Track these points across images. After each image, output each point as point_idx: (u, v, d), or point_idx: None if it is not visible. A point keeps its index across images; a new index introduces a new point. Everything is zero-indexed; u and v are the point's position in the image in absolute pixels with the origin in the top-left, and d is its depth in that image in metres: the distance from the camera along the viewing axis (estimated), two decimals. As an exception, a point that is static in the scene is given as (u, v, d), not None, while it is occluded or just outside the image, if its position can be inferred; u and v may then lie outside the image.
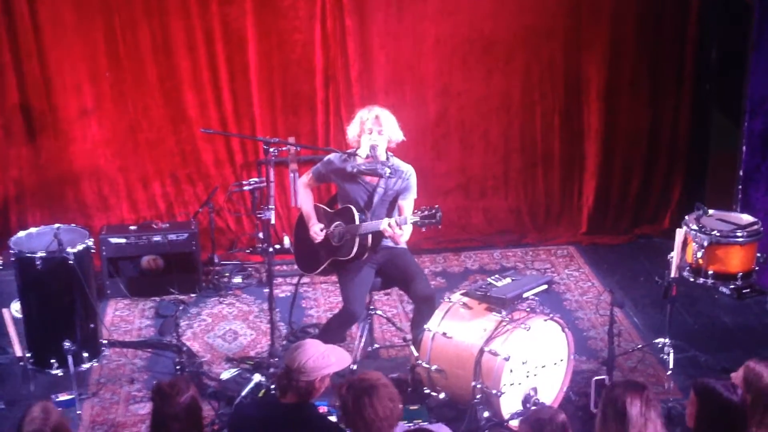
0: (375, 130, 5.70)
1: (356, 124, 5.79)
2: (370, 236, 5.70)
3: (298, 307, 6.82)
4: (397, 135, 5.77)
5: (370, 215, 5.73)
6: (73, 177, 7.55)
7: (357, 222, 5.69)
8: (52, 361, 6.00)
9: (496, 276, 5.67)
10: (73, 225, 6.40)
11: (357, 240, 5.69)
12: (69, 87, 7.34)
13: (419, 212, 5.50)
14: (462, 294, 5.65)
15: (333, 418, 5.20)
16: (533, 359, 5.34)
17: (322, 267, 5.91)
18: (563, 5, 7.61)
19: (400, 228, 5.58)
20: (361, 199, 5.80)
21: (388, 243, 5.84)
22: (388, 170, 5.70)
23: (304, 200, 6.00)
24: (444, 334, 5.41)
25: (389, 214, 5.79)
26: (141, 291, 7.07)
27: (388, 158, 5.77)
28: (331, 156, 5.96)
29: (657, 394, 5.60)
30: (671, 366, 5.86)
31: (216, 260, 7.49)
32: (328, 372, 4.35)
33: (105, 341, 6.32)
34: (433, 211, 5.46)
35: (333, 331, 5.86)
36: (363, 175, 5.77)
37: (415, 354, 5.57)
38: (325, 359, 4.33)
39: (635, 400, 3.87)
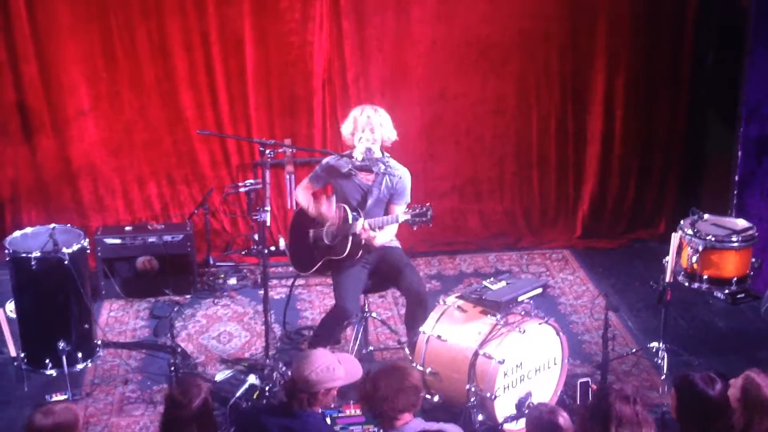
0: (367, 129, 5.71)
1: (350, 123, 5.79)
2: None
3: (293, 309, 6.82)
4: (391, 134, 5.77)
5: (365, 215, 5.73)
6: (69, 177, 7.54)
7: (350, 221, 5.69)
8: (47, 361, 5.99)
9: (491, 279, 5.64)
10: (68, 225, 6.39)
11: (350, 239, 5.69)
12: (66, 87, 7.34)
13: (410, 210, 5.50)
14: (457, 297, 5.63)
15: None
16: (528, 363, 5.34)
17: (317, 266, 5.90)
18: (559, 9, 7.62)
19: (374, 231, 5.59)
20: (354, 199, 5.79)
21: (385, 243, 5.85)
22: (382, 166, 5.71)
23: (305, 200, 5.98)
24: (438, 337, 5.40)
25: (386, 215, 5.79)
26: (136, 292, 7.06)
27: (384, 156, 5.78)
28: (328, 159, 5.95)
29: (651, 399, 5.66)
30: (665, 370, 5.86)
31: (211, 261, 7.49)
32: (332, 386, 4.35)
33: (99, 342, 6.31)
34: (424, 209, 5.45)
35: (327, 331, 5.85)
36: (358, 171, 5.77)
37: (410, 357, 5.58)
38: (329, 372, 4.32)
39: (625, 408, 3.86)
